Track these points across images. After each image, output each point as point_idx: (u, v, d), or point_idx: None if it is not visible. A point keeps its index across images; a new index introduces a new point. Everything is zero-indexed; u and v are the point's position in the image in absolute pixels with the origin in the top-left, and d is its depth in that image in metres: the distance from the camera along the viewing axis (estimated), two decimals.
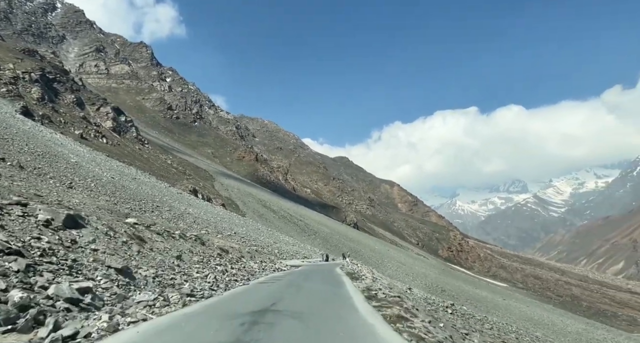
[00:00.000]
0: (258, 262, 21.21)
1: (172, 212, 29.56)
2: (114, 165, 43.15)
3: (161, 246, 14.34)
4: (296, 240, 48.13)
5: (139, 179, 39.12)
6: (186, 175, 76.10)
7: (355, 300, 10.61)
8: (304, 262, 28.56)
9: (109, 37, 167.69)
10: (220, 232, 28.42)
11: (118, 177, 35.97)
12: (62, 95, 69.48)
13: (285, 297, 10.25)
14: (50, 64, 76.44)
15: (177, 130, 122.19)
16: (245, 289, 11.75)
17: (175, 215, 28.96)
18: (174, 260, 13.37)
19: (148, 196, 32.70)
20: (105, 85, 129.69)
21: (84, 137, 60.04)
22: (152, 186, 37.98)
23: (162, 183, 45.55)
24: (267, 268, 20.18)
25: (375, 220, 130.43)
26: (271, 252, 28.72)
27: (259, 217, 68.68)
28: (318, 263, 29.62)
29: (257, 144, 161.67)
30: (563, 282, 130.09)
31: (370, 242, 79.95)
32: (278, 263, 23.32)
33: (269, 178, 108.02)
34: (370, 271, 28.51)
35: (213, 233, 26.48)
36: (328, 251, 49.21)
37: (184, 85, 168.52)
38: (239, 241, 27.56)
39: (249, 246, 27.34)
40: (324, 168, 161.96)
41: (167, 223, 24.28)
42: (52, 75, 71.16)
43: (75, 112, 67.95)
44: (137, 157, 70.70)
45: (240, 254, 21.64)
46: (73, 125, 61.44)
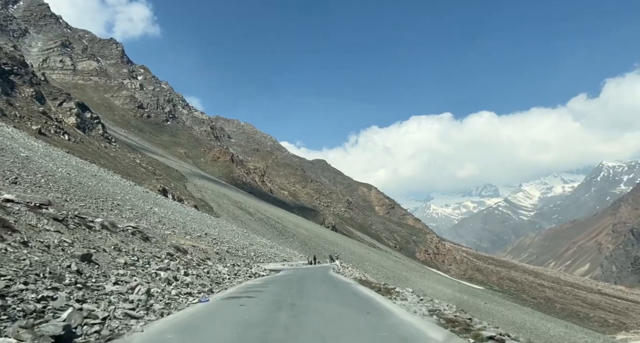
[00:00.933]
0: (228, 266, 17.98)
1: (134, 211, 26.41)
2: (73, 162, 39.31)
3: (53, 239, 9.37)
4: (274, 243, 45.39)
5: (100, 176, 35.56)
6: (156, 175, 71.98)
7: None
8: (284, 265, 25.86)
9: (77, 32, 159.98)
10: (189, 233, 25.51)
11: (75, 173, 32.38)
12: (19, 88, 64.32)
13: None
14: (8, 55, 70.98)
15: (148, 129, 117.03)
16: (194, 317, 7.14)
17: (138, 214, 25.84)
18: (72, 262, 8.28)
19: (108, 194, 29.37)
20: (71, 81, 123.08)
21: (42, 132, 55.38)
22: (114, 184, 34.52)
23: (127, 182, 41.94)
24: (240, 273, 17.02)
25: (353, 223, 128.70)
26: (246, 255, 26.00)
27: (234, 219, 65.43)
28: (303, 267, 26.93)
29: (233, 145, 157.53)
30: (537, 284, 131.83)
31: (350, 244, 77.91)
32: (255, 267, 20.53)
33: (245, 180, 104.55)
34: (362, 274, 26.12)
35: (180, 233, 23.58)
36: (307, 254, 46.74)
37: (157, 84, 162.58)
38: (210, 243, 24.74)
39: (220, 247, 24.54)
40: (302, 170, 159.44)
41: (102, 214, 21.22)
42: (8, 67, 65.94)
43: (33, 106, 62.96)
44: (103, 155, 66.19)
45: (205, 255, 18.69)
46: (30, 120, 56.68)
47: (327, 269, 24.42)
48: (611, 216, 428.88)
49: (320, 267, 27.06)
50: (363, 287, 14.34)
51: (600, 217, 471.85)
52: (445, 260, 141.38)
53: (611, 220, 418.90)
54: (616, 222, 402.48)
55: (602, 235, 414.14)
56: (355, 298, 11.02)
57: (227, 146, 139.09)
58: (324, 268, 26.14)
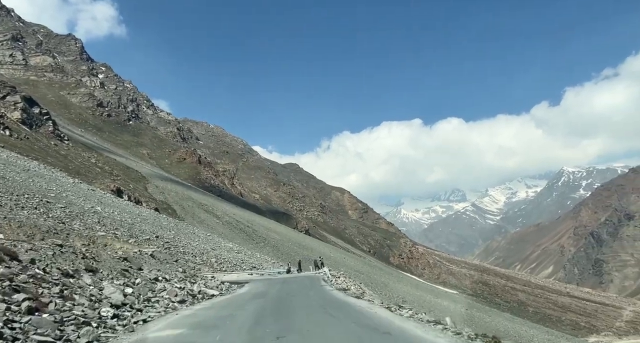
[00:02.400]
0: (138, 284, 10.68)
1: (67, 210, 21.50)
2: (4, 156, 33.58)
3: None
4: (242, 248, 40.85)
5: (33, 171, 30.12)
6: (113, 176, 65.69)
7: None
8: (252, 274, 20.98)
9: (31, 27, 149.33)
10: (135, 235, 20.90)
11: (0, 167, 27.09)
12: None
13: None
14: None
15: (108, 128, 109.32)
16: None
17: (72, 214, 20.97)
18: None
19: (39, 190, 24.26)
20: (22, 77, 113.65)
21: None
22: (51, 180, 29.20)
23: (71, 180, 36.41)
24: (160, 298, 9.66)
25: (327, 227, 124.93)
26: (206, 262, 21.53)
27: (200, 223, 60.26)
28: (279, 277, 21.39)
29: (200, 147, 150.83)
30: (509, 287, 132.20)
31: (324, 248, 74.01)
32: (201, 283, 14.28)
33: (213, 183, 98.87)
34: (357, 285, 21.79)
35: (124, 236, 18.99)
36: (279, 260, 42.45)
37: (119, 83, 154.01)
38: (161, 246, 20.19)
39: (170, 251, 19.99)
40: (274, 173, 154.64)
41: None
42: None
43: None
44: (51, 153, 59.50)
45: (122, 266, 13.01)
46: None
47: (314, 281, 18.62)
48: (572, 220, 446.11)
49: (305, 278, 21.04)
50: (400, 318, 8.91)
51: (562, 221, 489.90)
52: (419, 264, 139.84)
53: (573, 224, 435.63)
54: (577, 225, 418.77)
55: (564, 238, 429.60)
56: None
57: (194, 148, 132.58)
58: (310, 279, 20.15)
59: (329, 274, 22.25)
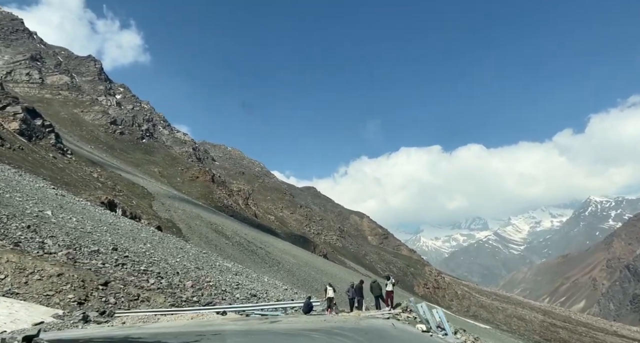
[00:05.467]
0: None
1: (5, 211, 15.06)
2: None
3: None
4: (244, 269, 33.67)
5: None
6: (115, 191, 60.11)
7: None
8: (224, 315, 11.26)
9: (52, 48, 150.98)
10: (74, 246, 14.29)
11: None
12: None
13: None
14: None
15: (120, 146, 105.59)
16: None
17: None
18: None
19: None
20: (37, 95, 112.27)
21: None
22: (0, 179, 23.12)
23: (51, 190, 30.45)
24: None
25: (346, 252, 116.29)
26: (170, 286, 14.56)
27: (207, 243, 53.48)
28: (281, 323, 11.34)
29: (216, 168, 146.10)
30: (548, 323, 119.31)
31: (345, 275, 65.89)
32: None
33: (226, 202, 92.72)
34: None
35: (50, 246, 12.46)
36: (294, 286, 35.06)
37: (136, 103, 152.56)
38: (104, 260, 13.49)
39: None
40: (291, 195, 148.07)
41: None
42: None
43: None
44: (46, 165, 54.43)
45: None
46: None
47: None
48: (604, 251, 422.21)
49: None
50: None
51: (592, 252, 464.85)
52: (445, 295, 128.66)
53: (605, 256, 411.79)
54: (610, 257, 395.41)
55: (596, 270, 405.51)
56: None
57: (209, 168, 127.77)
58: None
59: (442, 319, 9.43)
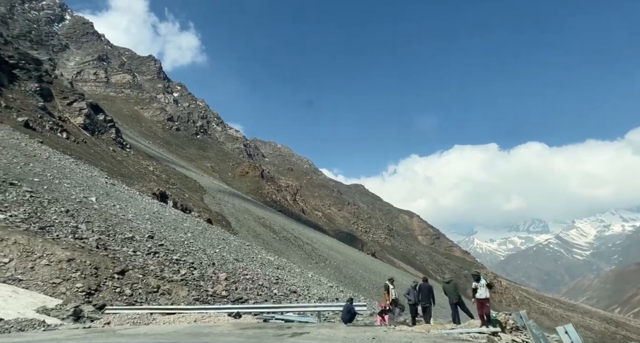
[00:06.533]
0: None
1: (48, 195, 14.96)
2: (41, 153, 29.17)
3: None
4: (287, 263, 32.65)
5: (51, 163, 24.98)
6: (169, 183, 62.03)
7: None
8: (238, 316, 9.44)
9: (117, 49, 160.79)
10: (107, 232, 13.77)
11: None
12: (20, 82, 57.22)
13: None
14: (18, 50, 65.26)
15: (175, 142, 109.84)
16: None
17: (38, 198, 14.38)
18: None
19: (22, 174, 18.28)
20: (102, 93, 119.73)
21: (30, 126, 46.89)
22: (54, 167, 23.68)
23: (103, 179, 31.28)
24: None
25: (395, 252, 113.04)
26: (203, 275, 13.61)
27: (255, 237, 53.46)
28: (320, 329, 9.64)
29: (266, 164, 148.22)
30: (621, 336, 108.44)
31: (397, 275, 63.39)
32: None
33: (274, 197, 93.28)
34: None
35: (82, 231, 11.93)
36: (341, 283, 33.58)
37: (192, 101, 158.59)
38: (144, 249, 12.81)
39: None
40: (338, 192, 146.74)
41: None
42: (13, 61, 59.60)
43: (31, 100, 55.29)
44: (106, 157, 57.13)
45: None
46: (19, 112, 48.59)
47: None
48: None
49: None
50: None
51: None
52: (502, 299, 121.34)
53: None
54: None
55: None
56: None
57: (259, 164, 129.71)
58: None
59: None
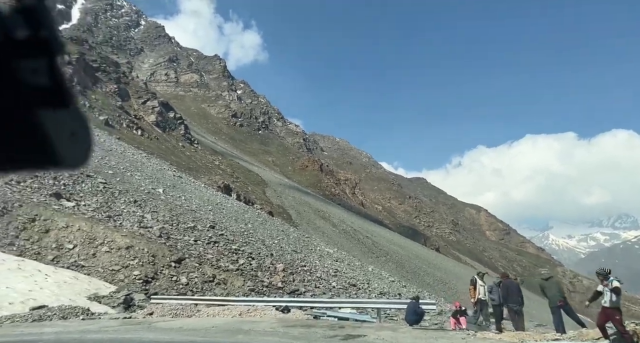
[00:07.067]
0: None
1: (120, 186, 15.89)
2: (118, 148, 31.51)
3: None
4: (346, 256, 32.19)
5: (113, 151, 26.77)
6: (233, 177, 64.47)
7: None
8: (281, 315, 9.67)
9: (186, 50, 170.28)
10: (171, 221, 14.18)
11: None
12: (102, 83, 62.55)
13: None
14: (100, 54, 71.22)
15: (239, 137, 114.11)
16: None
17: (109, 189, 15.23)
18: None
19: (99, 167, 19.60)
20: (173, 92, 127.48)
21: (110, 124, 51.02)
22: (127, 161, 25.25)
23: (171, 172, 33.03)
24: None
25: (460, 247, 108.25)
26: (261, 266, 13.54)
27: (314, 230, 53.78)
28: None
29: (324, 158, 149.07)
30: None
31: (463, 271, 60.55)
32: None
33: (333, 191, 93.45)
34: None
35: (147, 220, 12.36)
36: (403, 278, 32.55)
37: (254, 98, 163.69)
38: (204, 239, 13.00)
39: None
40: (399, 186, 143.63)
41: None
42: (96, 64, 65.17)
43: (111, 100, 60.20)
44: (176, 153, 60.64)
45: None
46: (101, 111, 53.01)
47: None
48: None
49: None
50: None
51: None
52: (584, 301, 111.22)
53: None
54: None
55: None
56: None
57: (318, 157, 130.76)
58: None
59: None
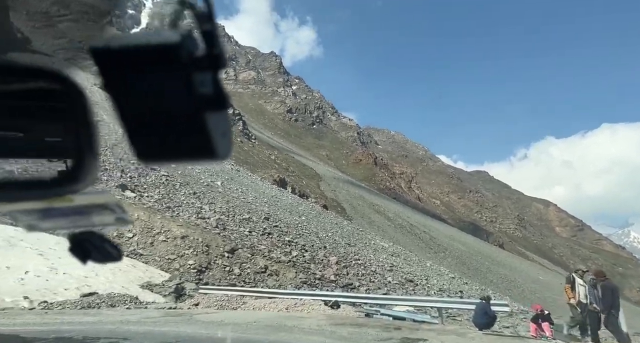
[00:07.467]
0: None
1: (181, 179, 16.75)
2: None
3: None
4: (407, 252, 31.36)
5: None
6: (288, 171, 65.69)
7: None
8: (329, 310, 9.21)
9: (244, 49, 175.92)
10: (228, 212, 14.58)
11: None
12: None
13: None
14: None
15: (294, 132, 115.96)
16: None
17: (170, 181, 16.03)
18: None
19: None
20: (232, 90, 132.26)
21: None
22: None
23: (229, 166, 34.25)
24: None
25: (526, 244, 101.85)
26: (314, 258, 13.49)
27: (369, 224, 53.31)
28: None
29: (379, 151, 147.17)
30: None
31: (531, 269, 56.84)
32: None
33: (388, 185, 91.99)
34: None
35: (206, 210, 12.79)
36: (464, 275, 31.15)
37: (309, 93, 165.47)
38: (259, 230, 13.21)
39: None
40: (458, 179, 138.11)
41: None
42: None
43: None
44: (235, 148, 62.84)
45: None
46: None
47: None
48: None
49: None
50: None
51: None
52: None
53: None
54: None
55: None
56: None
57: (372, 151, 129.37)
58: None
59: None
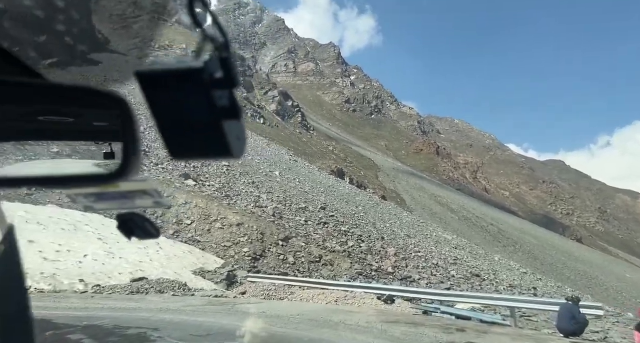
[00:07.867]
0: None
1: (241, 169, 17.04)
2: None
3: None
4: (472, 245, 29.56)
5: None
6: (346, 162, 65.24)
7: None
8: (382, 306, 8.68)
9: (303, 41, 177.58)
10: (283, 201, 14.47)
11: None
12: None
13: None
14: None
15: (352, 123, 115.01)
16: None
17: (232, 171, 16.29)
18: None
19: None
20: (291, 82, 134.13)
21: None
22: (250, 146, 26.98)
23: (287, 157, 34.50)
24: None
25: (610, 239, 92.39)
26: (371, 249, 12.80)
27: (432, 216, 51.39)
28: None
29: (442, 141, 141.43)
30: None
31: (617, 267, 51.38)
32: None
33: (451, 176, 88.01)
34: None
35: (262, 200, 12.71)
36: (537, 271, 28.75)
37: (367, 82, 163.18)
38: (315, 220, 12.89)
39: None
40: (530, 169, 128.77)
41: None
42: None
43: (238, 92, 65.69)
44: (294, 139, 63.57)
45: None
46: None
47: None
48: None
49: None
50: None
51: None
52: None
53: None
54: None
55: None
56: None
57: (434, 141, 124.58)
58: None
59: None
